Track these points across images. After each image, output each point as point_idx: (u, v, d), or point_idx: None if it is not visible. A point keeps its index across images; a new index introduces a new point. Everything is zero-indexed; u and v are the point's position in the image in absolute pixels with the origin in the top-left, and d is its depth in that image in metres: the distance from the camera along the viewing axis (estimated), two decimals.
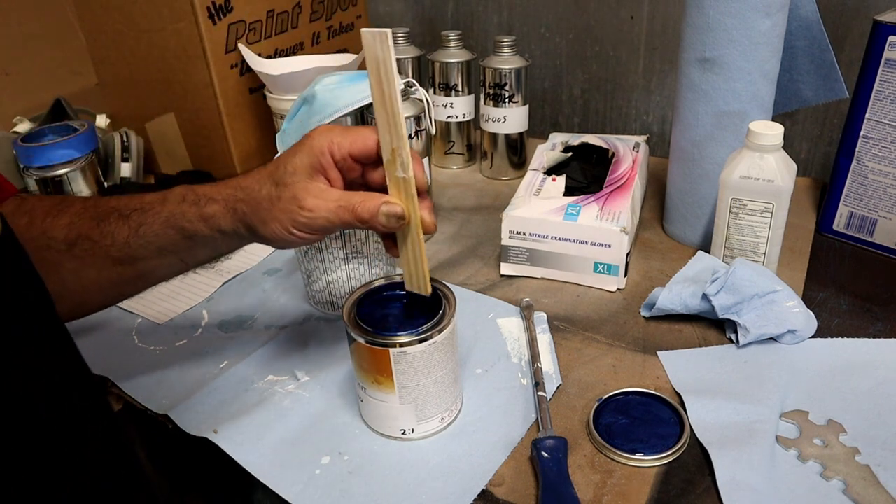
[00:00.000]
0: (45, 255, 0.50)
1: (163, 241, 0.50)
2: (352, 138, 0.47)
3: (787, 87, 0.77)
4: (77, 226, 0.50)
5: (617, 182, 0.73)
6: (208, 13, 0.84)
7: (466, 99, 0.97)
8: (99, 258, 0.50)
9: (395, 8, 1.22)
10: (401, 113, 0.45)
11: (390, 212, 0.46)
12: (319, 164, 0.47)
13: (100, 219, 0.50)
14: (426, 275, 0.49)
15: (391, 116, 0.45)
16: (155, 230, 0.49)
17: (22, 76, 1.02)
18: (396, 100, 0.44)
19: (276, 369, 0.61)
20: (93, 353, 0.64)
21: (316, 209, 0.46)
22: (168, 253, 0.50)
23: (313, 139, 0.47)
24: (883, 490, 0.46)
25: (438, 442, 0.53)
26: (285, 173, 0.47)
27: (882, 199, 0.72)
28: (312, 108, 0.76)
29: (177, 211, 0.49)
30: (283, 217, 0.46)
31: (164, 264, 0.52)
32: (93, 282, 0.52)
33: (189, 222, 0.49)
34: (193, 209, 0.49)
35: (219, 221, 0.48)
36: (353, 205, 0.46)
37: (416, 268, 0.49)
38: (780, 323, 0.59)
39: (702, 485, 0.48)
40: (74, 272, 0.51)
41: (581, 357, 0.61)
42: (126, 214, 0.50)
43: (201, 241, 0.50)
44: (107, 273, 0.51)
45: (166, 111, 0.95)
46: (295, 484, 0.49)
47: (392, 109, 0.45)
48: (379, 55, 0.44)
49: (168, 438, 0.56)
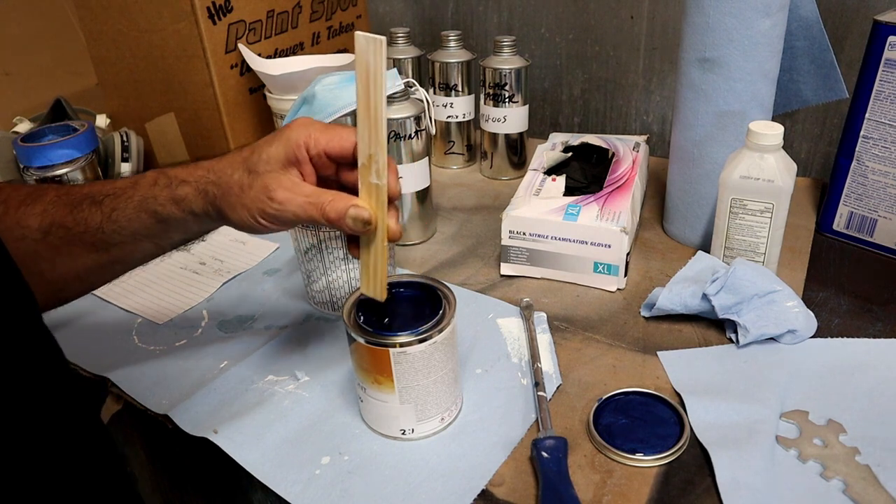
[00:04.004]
0: (21, 245, 0.50)
1: (136, 225, 0.49)
2: (329, 136, 0.47)
3: (787, 87, 0.77)
4: (51, 213, 0.50)
5: (617, 182, 0.73)
6: (208, 13, 0.84)
7: (466, 99, 0.97)
8: (74, 245, 0.50)
9: (395, 8, 1.22)
10: (383, 121, 0.44)
11: (357, 215, 0.45)
12: (294, 156, 0.47)
13: (73, 206, 0.50)
14: (384, 281, 0.48)
15: (373, 122, 0.44)
16: (128, 215, 0.49)
17: (22, 76, 1.02)
18: (381, 107, 0.44)
19: (276, 369, 0.61)
20: (93, 352, 0.64)
21: (285, 202, 0.46)
22: (142, 237, 0.50)
23: (291, 131, 0.47)
24: (883, 490, 0.46)
25: (438, 442, 0.53)
26: (259, 161, 0.47)
27: (882, 199, 0.72)
28: (312, 108, 0.76)
29: (149, 195, 0.49)
30: (252, 206, 0.46)
31: (139, 249, 0.51)
32: (69, 269, 0.51)
33: (161, 206, 0.49)
34: (165, 192, 0.48)
35: (190, 203, 0.48)
36: (322, 203, 0.46)
37: (374, 273, 0.48)
38: (780, 323, 0.59)
39: (702, 485, 0.48)
40: (50, 261, 0.50)
41: (581, 357, 0.61)
42: (99, 200, 0.50)
43: (174, 224, 0.50)
44: (82, 260, 0.51)
45: (166, 111, 0.95)
46: (295, 484, 0.49)
47: (375, 116, 0.44)
48: (370, 61, 0.43)
49: (168, 438, 0.56)
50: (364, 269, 0.49)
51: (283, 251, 0.80)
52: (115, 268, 0.53)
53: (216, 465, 0.54)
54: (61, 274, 0.51)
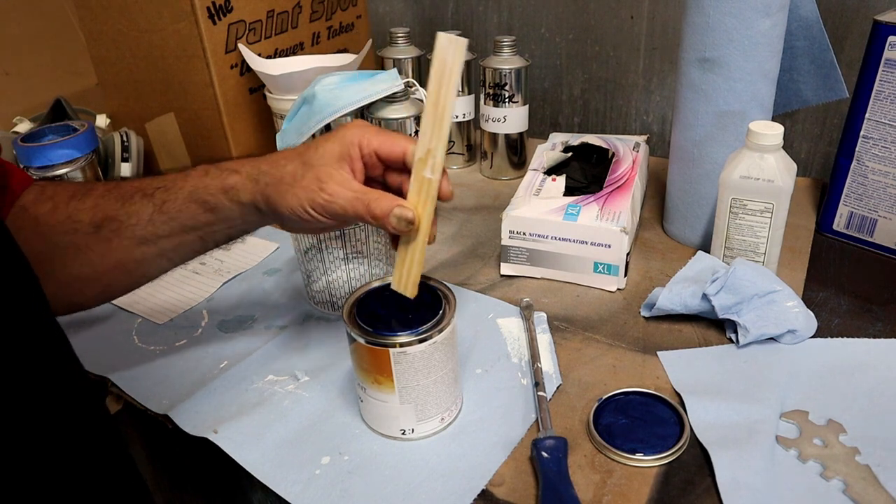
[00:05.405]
0: (73, 239, 0.51)
1: (185, 216, 0.51)
2: (381, 138, 0.49)
3: (787, 87, 0.77)
4: (102, 207, 0.52)
5: (617, 182, 0.73)
6: (208, 13, 0.84)
7: (466, 99, 0.97)
8: (125, 238, 0.52)
9: (395, 8, 1.22)
10: (449, 119, 0.47)
11: (402, 215, 0.47)
12: (348, 153, 0.49)
13: (124, 199, 0.52)
14: (417, 278, 0.49)
15: (438, 118, 0.47)
16: (178, 206, 0.51)
17: (22, 76, 1.02)
18: (449, 105, 0.46)
19: (276, 369, 0.61)
20: (93, 352, 0.64)
21: (335, 195, 0.47)
22: (189, 229, 0.52)
23: (347, 129, 0.50)
24: (883, 490, 0.46)
25: (438, 442, 0.53)
26: (315, 155, 0.49)
27: (882, 199, 0.72)
28: (312, 108, 0.76)
29: (199, 185, 0.51)
30: (303, 195, 0.48)
31: (185, 242, 0.53)
32: (119, 263, 0.53)
33: (211, 195, 0.50)
34: (216, 181, 0.51)
35: (238, 192, 0.50)
36: (369, 200, 0.47)
37: (409, 269, 0.49)
38: (780, 323, 0.59)
39: (702, 485, 0.48)
40: (101, 254, 0.52)
41: (581, 357, 0.61)
42: (150, 193, 0.52)
43: (221, 214, 0.51)
44: (131, 253, 0.52)
45: (166, 111, 0.95)
46: (295, 484, 0.49)
47: (442, 113, 0.47)
48: (448, 59, 0.46)
49: (168, 438, 0.56)
50: (399, 263, 0.50)
51: (283, 251, 0.80)
52: (160, 262, 0.54)
53: (216, 465, 0.54)
54: (111, 267, 0.53)
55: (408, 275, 0.49)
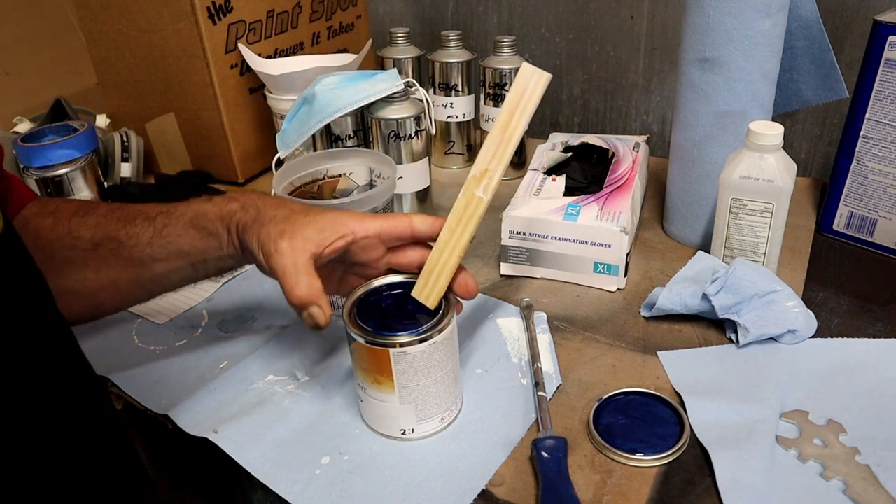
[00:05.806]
0: (70, 254, 0.52)
1: (182, 241, 0.52)
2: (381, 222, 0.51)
3: (787, 87, 0.77)
4: (104, 226, 0.53)
5: (617, 182, 0.73)
6: (208, 13, 0.84)
7: (466, 99, 0.97)
8: (122, 258, 0.52)
9: (395, 8, 1.22)
10: (514, 144, 0.48)
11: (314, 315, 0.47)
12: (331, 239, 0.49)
13: (127, 220, 0.53)
14: (441, 292, 0.50)
15: (504, 142, 0.48)
16: (178, 231, 0.52)
17: (22, 76, 1.02)
18: (518, 132, 0.48)
19: (276, 369, 0.61)
20: (93, 353, 0.63)
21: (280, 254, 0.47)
22: (184, 255, 0.52)
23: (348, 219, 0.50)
24: (883, 490, 0.46)
25: (438, 442, 0.53)
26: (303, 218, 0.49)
27: (882, 199, 0.72)
28: (312, 108, 0.76)
29: (200, 210, 0.52)
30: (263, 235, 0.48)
31: (177, 268, 0.53)
32: (111, 282, 0.53)
33: (210, 221, 0.51)
34: (215, 208, 0.51)
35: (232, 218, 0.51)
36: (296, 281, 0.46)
37: (434, 281, 0.50)
38: (780, 323, 0.59)
39: (702, 485, 0.48)
40: (96, 271, 0.53)
41: (581, 357, 0.61)
42: (152, 217, 0.52)
43: (215, 242, 0.52)
44: (125, 274, 0.53)
45: (166, 111, 0.95)
46: (295, 484, 0.49)
47: (509, 137, 0.48)
48: (528, 88, 0.48)
49: (168, 438, 0.56)
50: (426, 273, 0.51)
51: None
52: (152, 287, 0.55)
53: (216, 465, 0.54)
54: (103, 285, 0.53)
55: (432, 287, 0.50)
